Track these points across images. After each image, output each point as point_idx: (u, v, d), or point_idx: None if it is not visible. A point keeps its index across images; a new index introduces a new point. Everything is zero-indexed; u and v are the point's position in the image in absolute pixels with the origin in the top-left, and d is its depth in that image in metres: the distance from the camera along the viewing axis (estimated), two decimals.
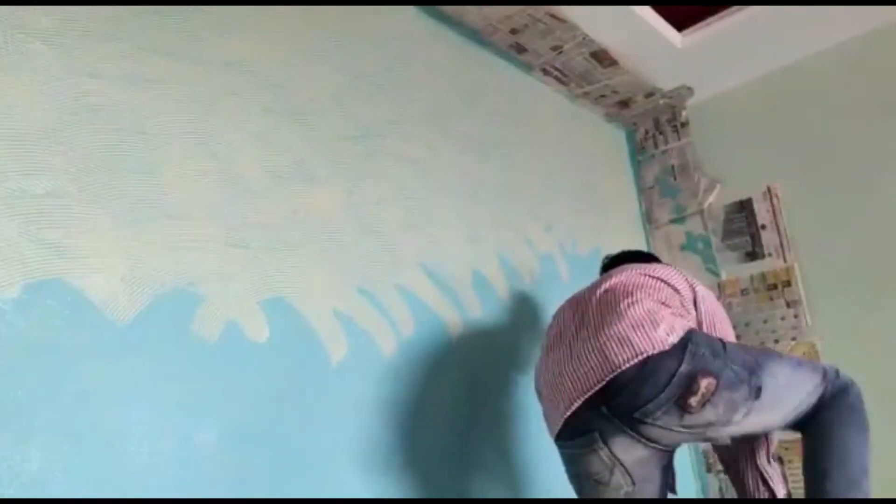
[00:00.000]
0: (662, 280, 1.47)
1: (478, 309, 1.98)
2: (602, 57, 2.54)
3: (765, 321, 2.66)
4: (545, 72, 2.60)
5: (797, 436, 1.37)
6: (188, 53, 1.46)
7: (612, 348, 1.30)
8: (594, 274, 2.52)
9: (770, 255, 2.69)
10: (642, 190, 3.09)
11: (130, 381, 1.20)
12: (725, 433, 1.32)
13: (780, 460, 1.70)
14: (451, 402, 1.79)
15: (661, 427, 1.27)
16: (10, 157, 1.14)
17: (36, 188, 1.16)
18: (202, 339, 1.31)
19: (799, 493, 1.55)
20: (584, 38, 2.38)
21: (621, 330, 1.32)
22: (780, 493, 1.52)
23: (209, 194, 1.41)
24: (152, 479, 1.18)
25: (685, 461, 2.74)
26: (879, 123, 2.50)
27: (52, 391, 1.10)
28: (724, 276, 2.79)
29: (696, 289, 1.52)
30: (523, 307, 2.16)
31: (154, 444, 1.20)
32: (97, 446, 1.13)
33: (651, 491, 1.36)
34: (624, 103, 2.94)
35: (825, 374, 1.38)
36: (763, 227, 2.72)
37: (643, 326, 1.31)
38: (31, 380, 1.09)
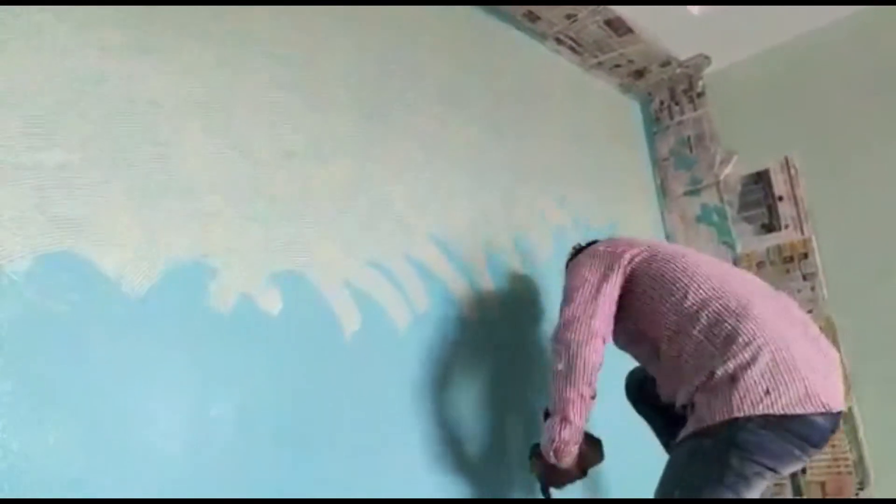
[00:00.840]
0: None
1: (490, 283, 1.96)
2: (617, 25, 2.48)
3: None
4: (558, 41, 2.55)
5: None
6: (200, 27, 1.44)
7: (840, 389, 1.27)
8: None
9: (787, 226, 2.65)
10: (657, 162, 3.04)
11: (144, 354, 1.19)
12: None
13: None
14: (466, 376, 1.79)
15: None
16: (23, 131, 1.13)
17: (48, 161, 1.15)
18: (216, 311, 1.31)
19: None
20: (599, 6, 2.32)
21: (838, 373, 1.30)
22: None
23: (222, 167, 1.39)
24: (168, 452, 1.18)
25: None
26: None
27: (66, 364, 1.10)
28: (739, 248, 2.76)
29: None
30: (537, 281, 2.14)
31: (169, 417, 1.20)
32: (112, 419, 1.13)
33: None
34: (639, 73, 2.88)
35: None
36: (780, 198, 2.68)
37: None
38: (45, 352, 1.08)
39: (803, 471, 2.51)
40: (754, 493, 1.23)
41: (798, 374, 1.21)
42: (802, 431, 1.21)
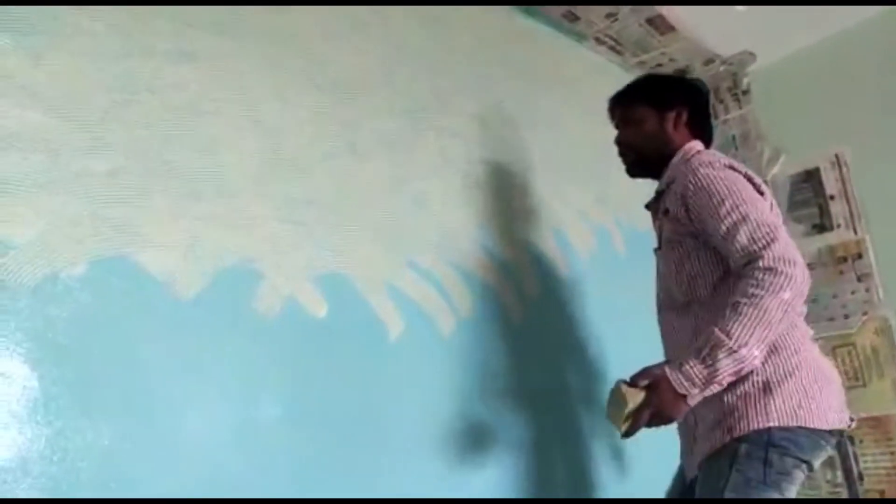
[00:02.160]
0: None
1: (534, 284, 1.94)
2: (659, 23, 2.43)
3: (834, 296, 2.54)
4: (598, 41, 2.51)
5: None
6: (237, 29, 1.46)
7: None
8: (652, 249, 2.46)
9: (839, 226, 2.57)
10: None
11: (194, 358, 1.21)
12: None
13: None
14: (511, 380, 1.77)
15: None
16: (73, 138, 1.16)
17: (98, 167, 1.18)
18: (263, 314, 1.32)
19: None
20: (640, 6, 2.28)
21: None
22: None
23: (262, 171, 1.41)
24: (216, 454, 1.20)
25: None
26: None
27: (119, 367, 1.12)
28: None
29: None
30: (582, 283, 2.11)
31: (218, 420, 1.22)
32: (164, 422, 1.15)
33: None
34: (681, 72, 2.83)
35: None
36: (832, 197, 2.59)
37: None
38: (100, 356, 1.11)
39: (861, 478, 2.41)
40: (795, 488, 1.23)
41: (828, 390, 1.25)
42: (826, 437, 1.25)
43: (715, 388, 1.16)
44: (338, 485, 1.34)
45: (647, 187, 2.56)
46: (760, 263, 1.16)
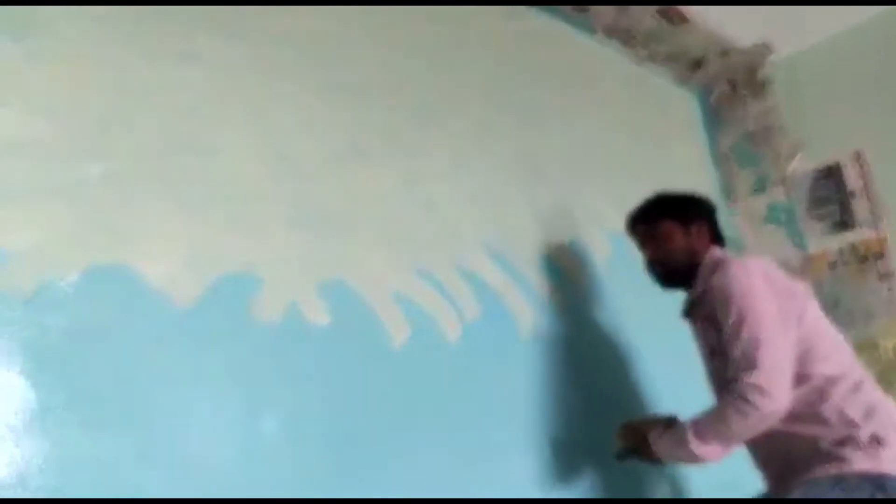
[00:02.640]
0: None
1: (546, 291, 1.90)
2: (671, 14, 2.37)
3: (856, 296, 2.47)
4: (609, 34, 2.46)
5: None
6: (239, 32, 1.44)
7: None
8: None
9: (861, 224, 2.50)
10: (718, 158, 2.91)
11: (194, 366, 1.20)
12: None
13: None
14: (518, 388, 1.73)
15: None
16: (70, 144, 1.15)
17: (94, 173, 1.16)
18: (264, 322, 1.30)
19: None
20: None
21: None
22: None
23: (265, 176, 1.39)
24: (219, 462, 1.18)
25: None
26: None
27: (117, 377, 1.10)
28: (810, 249, 2.60)
29: None
30: (595, 287, 2.07)
31: (220, 427, 1.20)
32: (164, 430, 1.13)
33: None
34: (696, 64, 2.77)
35: None
36: (853, 194, 2.53)
37: None
38: (97, 366, 1.09)
39: None
40: None
41: None
42: None
43: (695, 461, 1.44)
44: (340, 495, 1.31)
45: (662, 190, 2.52)
46: (737, 385, 1.34)
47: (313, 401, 1.33)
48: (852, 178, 2.54)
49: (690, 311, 1.64)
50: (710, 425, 1.39)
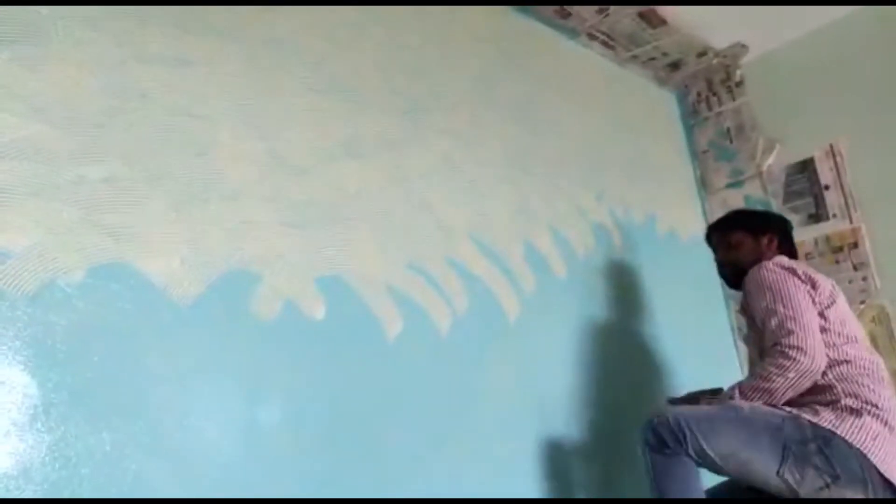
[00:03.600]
0: None
1: (531, 282, 1.94)
2: (650, 17, 2.43)
3: None
4: (591, 36, 2.51)
5: None
6: (233, 34, 1.46)
7: None
8: (650, 243, 2.47)
9: (835, 216, 2.57)
10: (696, 154, 2.98)
11: (195, 361, 1.22)
12: None
13: None
14: (509, 376, 1.77)
15: None
16: (69, 145, 1.16)
17: (93, 174, 1.18)
18: (262, 317, 1.32)
19: None
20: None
21: None
22: None
23: (260, 174, 1.41)
24: (220, 456, 1.21)
25: None
26: None
27: (119, 373, 1.12)
28: None
29: None
30: (578, 279, 2.12)
31: (221, 422, 1.22)
32: (166, 425, 1.15)
33: None
34: (674, 65, 2.83)
35: None
36: (826, 187, 2.60)
37: None
38: (99, 362, 1.11)
39: None
40: (799, 477, 1.37)
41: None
42: (879, 484, 1.35)
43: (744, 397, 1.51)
44: (339, 485, 1.34)
45: (645, 185, 2.59)
46: (778, 348, 1.48)
47: (311, 393, 1.35)
48: (825, 172, 2.61)
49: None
50: (755, 385, 1.50)
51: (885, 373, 1.55)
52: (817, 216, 2.62)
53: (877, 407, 1.42)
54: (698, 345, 2.51)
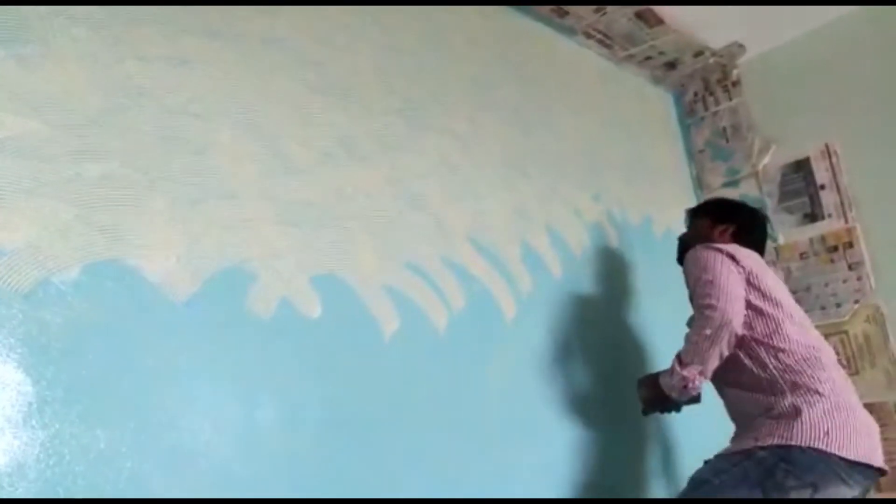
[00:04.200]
0: None
1: (528, 282, 1.94)
2: (647, 16, 2.44)
3: (826, 285, 2.56)
4: (588, 35, 2.51)
5: None
6: (230, 33, 1.45)
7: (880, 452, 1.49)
8: (647, 243, 2.48)
9: (830, 216, 2.58)
10: (692, 154, 2.99)
11: (190, 359, 1.21)
12: None
13: None
14: (505, 375, 1.77)
15: None
16: (64, 143, 1.16)
17: (89, 172, 1.17)
18: (258, 316, 1.32)
19: None
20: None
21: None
22: None
23: (257, 173, 1.41)
24: (215, 455, 1.20)
25: None
26: None
27: (114, 371, 1.12)
28: (781, 240, 2.69)
29: None
30: (575, 279, 2.12)
31: (215, 421, 1.22)
32: (161, 423, 1.15)
33: None
34: (671, 64, 2.83)
35: None
36: (822, 186, 2.61)
37: None
38: (95, 360, 1.11)
39: None
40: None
41: (856, 431, 1.44)
42: (848, 469, 1.41)
43: (688, 390, 1.59)
44: (334, 484, 1.34)
45: (641, 185, 2.60)
46: (696, 312, 1.60)
47: (307, 391, 1.35)
48: (821, 172, 2.62)
49: None
50: (686, 348, 1.60)
51: (827, 357, 1.59)
52: (813, 216, 2.62)
53: (818, 394, 1.47)
54: None
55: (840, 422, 1.43)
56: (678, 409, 1.73)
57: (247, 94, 1.44)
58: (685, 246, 1.90)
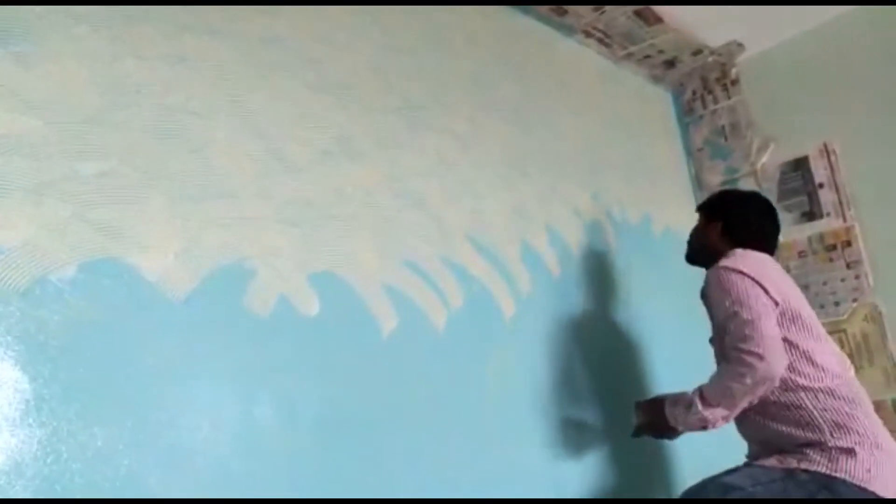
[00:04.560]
0: None
1: (527, 281, 1.95)
2: (646, 15, 2.44)
3: (824, 283, 2.56)
4: (587, 34, 2.51)
5: None
6: (229, 31, 1.45)
7: None
8: (646, 242, 2.48)
9: (828, 214, 2.58)
10: (691, 153, 2.99)
11: (188, 357, 1.21)
12: None
13: None
14: (503, 374, 1.78)
15: None
16: (61, 141, 1.16)
17: (87, 170, 1.17)
18: (256, 313, 1.32)
19: None
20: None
21: None
22: None
23: (256, 171, 1.41)
24: (214, 453, 1.20)
25: None
26: None
27: (111, 369, 1.12)
28: (780, 238, 2.67)
29: None
30: (574, 278, 2.12)
31: (214, 419, 1.22)
32: (159, 421, 1.15)
33: None
34: (670, 63, 2.83)
35: None
36: (820, 185, 2.61)
37: None
38: (92, 358, 1.11)
39: None
40: None
41: (894, 470, 1.44)
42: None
43: (704, 428, 1.55)
44: (333, 482, 1.34)
45: (640, 183, 2.59)
46: (735, 353, 1.48)
47: (305, 389, 1.35)
48: (820, 170, 2.62)
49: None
50: (715, 390, 1.51)
51: (859, 388, 1.57)
52: (811, 214, 2.63)
53: (860, 434, 1.46)
54: (695, 343, 2.51)
55: (881, 460, 1.43)
56: (673, 438, 1.70)
57: (245, 91, 1.44)
58: (690, 247, 1.88)
